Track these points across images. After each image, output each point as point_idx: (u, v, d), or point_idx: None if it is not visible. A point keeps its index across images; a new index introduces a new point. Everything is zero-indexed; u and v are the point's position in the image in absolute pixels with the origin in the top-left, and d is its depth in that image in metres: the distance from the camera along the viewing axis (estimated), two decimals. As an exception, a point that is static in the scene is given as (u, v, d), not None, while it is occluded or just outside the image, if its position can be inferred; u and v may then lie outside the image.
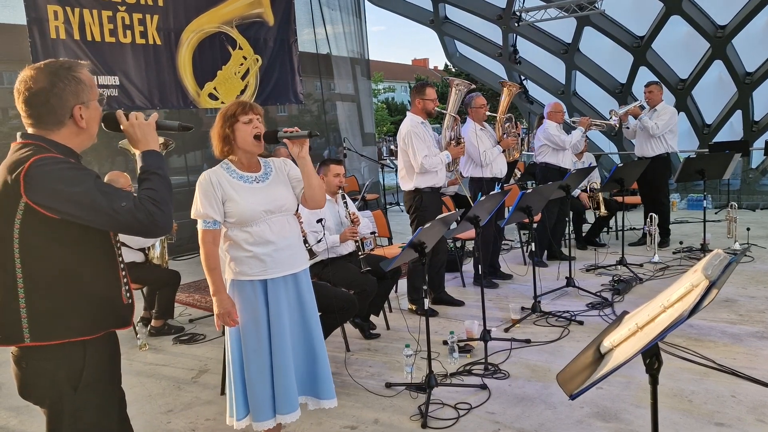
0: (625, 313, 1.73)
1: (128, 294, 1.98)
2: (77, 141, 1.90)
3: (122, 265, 1.98)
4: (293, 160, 2.88)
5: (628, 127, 7.25)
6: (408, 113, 5.21)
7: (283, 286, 2.78)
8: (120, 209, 1.72)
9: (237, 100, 2.84)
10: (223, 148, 2.78)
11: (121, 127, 1.95)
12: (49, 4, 7.18)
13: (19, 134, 1.86)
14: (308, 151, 2.76)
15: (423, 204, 5.06)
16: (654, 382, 1.50)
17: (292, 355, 2.78)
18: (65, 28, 7.33)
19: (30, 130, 1.85)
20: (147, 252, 5.14)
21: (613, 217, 7.68)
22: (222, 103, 8.95)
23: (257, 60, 9.48)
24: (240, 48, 9.27)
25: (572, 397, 1.41)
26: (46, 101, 1.80)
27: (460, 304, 5.41)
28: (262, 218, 2.73)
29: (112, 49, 7.77)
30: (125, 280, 1.97)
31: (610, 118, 7.25)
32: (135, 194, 1.84)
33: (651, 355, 1.46)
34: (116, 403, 1.99)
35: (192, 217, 2.77)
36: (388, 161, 16.19)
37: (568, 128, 7.12)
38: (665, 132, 6.87)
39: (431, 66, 59.49)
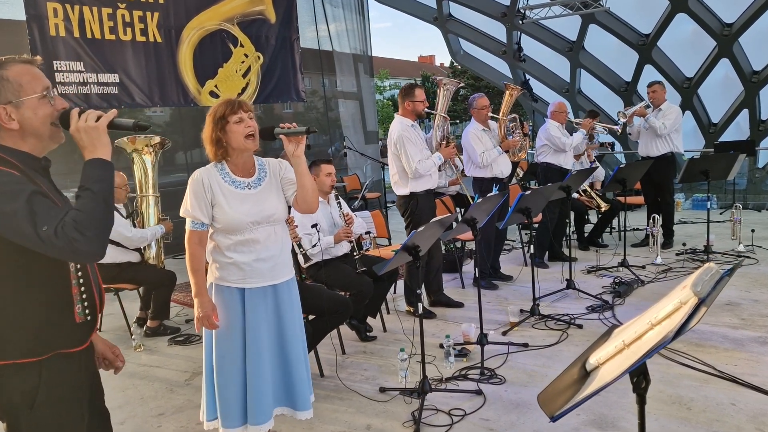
0: (614, 327, 1.67)
1: (87, 311, 1.83)
2: (28, 145, 1.75)
3: (81, 281, 1.82)
4: None
5: (630, 134, 7.19)
6: (396, 116, 5.07)
7: (261, 296, 2.72)
8: (42, 234, 1.57)
9: (224, 99, 2.73)
10: (216, 152, 2.69)
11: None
12: (48, 1, 7.15)
13: None
14: (304, 150, 2.66)
15: (418, 207, 4.99)
16: (641, 401, 1.44)
17: (268, 365, 2.72)
18: (65, 25, 7.30)
19: None
20: (143, 252, 5.11)
21: (616, 218, 7.60)
22: (224, 100, 8.90)
23: (258, 58, 9.43)
24: (241, 45, 9.21)
25: (553, 419, 1.35)
26: None
27: (459, 305, 5.35)
28: (248, 228, 2.68)
29: (112, 46, 7.74)
30: (84, 296, 1.82)
31: (618, 119, 7.17)
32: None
33: (638, 374, 1.40)
34: (82, 421, 1.86)
35: (180, 215, 2.73)
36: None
37: (571, 129, 7.04)
38: (671, 131, 6.79)
39: (437, 63, 59.35)
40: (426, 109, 5.04)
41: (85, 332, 1.85)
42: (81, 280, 1.82)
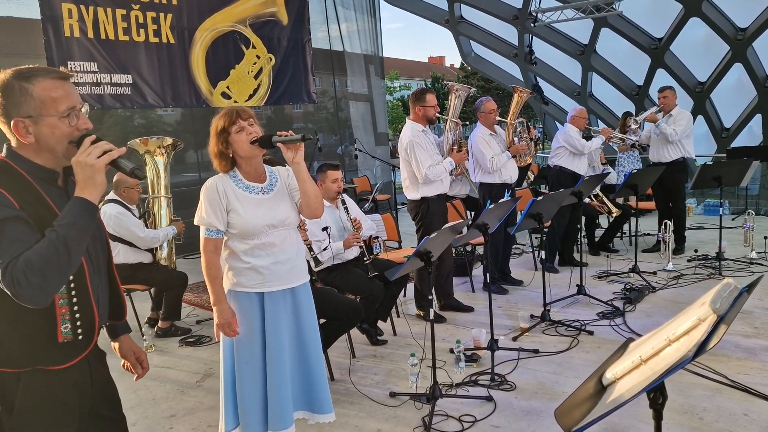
0: (630, 340, 1.67)
1: (79, 330, 1.79)
2: (43, 157, 1.76)
3: (74, 299, 1.77)
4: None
5: (644, 147, 7.16)
6: (408, 121, 5.08)
7: (281, 299, 2.74)
8: None
9: (222, 111, 2.72)
10: (221, 164, 2.71)
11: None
12: (63, 2, 7.20)
13: (5, 146, 1.79)
14: (303, 156, 2.61)
15: (429, 211, 4.99)
16: (658, 417, 1.43)
17: (289, 369, 2.74)
18: (79, 26, 7.35)
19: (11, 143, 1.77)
20: (155, 253, 5.13)
21: (627, 223, 7.57)
22: (234, 101, 8.95)
23: (270, 59, 9.46)
24: (253, 47, 9.24)
25: (570, 435, 1.35)
26: None
27: (469, 309, 5.35)
28: (264, 232, 2.69)
29: (125, 47, 7.78)
30: (77, 315, 1.78)
31: (630, 124, 7.13)
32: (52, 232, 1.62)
33: (656, 390, 1.39)
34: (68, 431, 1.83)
35: (195, 223, 2.74)
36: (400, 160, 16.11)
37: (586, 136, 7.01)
38: (682, 137, 6.75)
39: (447, 64, 59.28)
40: (437, 114, 5.05)
41: (72, 351, 1.80)
42: (74, 299, 1.77)
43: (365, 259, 4.42)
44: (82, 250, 1.67)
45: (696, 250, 6.86)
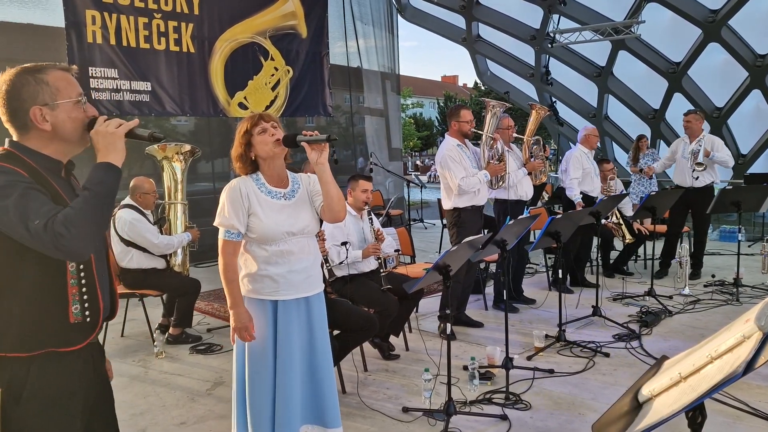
0: (664, 358, 1.62)
1: (86, 312, 1.81)
2: (53, 147, 1.81)
3: (83, 281, 1.81)
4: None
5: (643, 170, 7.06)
6: (446, 136, 5.24)
7: (295, 308, 2.69)
8: (32, 227, 1.61)
9: (247, 116, 2.75)
10: (243, 167, 2.71)
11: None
12: (87, 8, 7.29)
13: (6, 140, 1.84)
14: (327, 158, 2.61)
15: (461, 220, 5.07)
16: (696, 437, 1.39)
17: (298, 380, 2.68)
18: (102, 33, 7.43)
19: (13, 137, 1.82)
20: (169, 259, 5.12)
21: (642, 246, 7.49)
22: (251, 112, 8.99)
23: (288, 71, 9.52)
24: (272, 59, 9.31)
25: (608, 452, 1.31)
26: (8, 103, 1.77)
27: (479, 325, 5.30)
28: (283, 239, 2.66)
29: (146, 55, 7.85)
30: (85, 297, 1.81)
31: (693, 168, 6.74)
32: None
33: (695, 410, 1.35)
34: (72, 423, 1.83)
35: (215, 224, 2.70)
36: (413, 176, 16.14)
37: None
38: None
39: (460, 83, 59.60)
40: (473, 130, 5.14)
41: (81, 334, 1.83)
42: (83, 281, 1.82)
43: (381, 271, 4.38)
44: (111, 206, 1.76)
45: (713, 276, 6.77)
